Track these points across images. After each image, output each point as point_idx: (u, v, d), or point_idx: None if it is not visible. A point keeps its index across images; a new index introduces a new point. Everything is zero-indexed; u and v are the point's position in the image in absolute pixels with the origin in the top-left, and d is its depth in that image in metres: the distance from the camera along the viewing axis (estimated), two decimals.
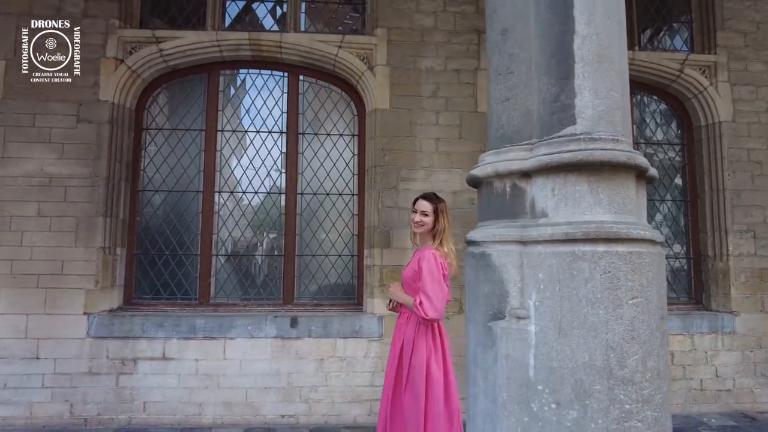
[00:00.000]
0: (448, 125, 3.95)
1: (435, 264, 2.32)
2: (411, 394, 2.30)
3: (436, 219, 2.46)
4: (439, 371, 2.34)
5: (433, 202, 2.49)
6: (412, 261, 2.48)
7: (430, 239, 2.48)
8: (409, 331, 2.41)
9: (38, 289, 3.67)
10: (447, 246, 2.45)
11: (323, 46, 3.98)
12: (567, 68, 1.58)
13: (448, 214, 2.52)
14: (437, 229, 2.46)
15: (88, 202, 3.74)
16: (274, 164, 4.14)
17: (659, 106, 4.47)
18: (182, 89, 4.17)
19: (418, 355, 2.32)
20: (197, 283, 3.99)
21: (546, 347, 1.47)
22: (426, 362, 2.31)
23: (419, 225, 2.47)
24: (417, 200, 2.53)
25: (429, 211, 2.46)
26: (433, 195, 2.54)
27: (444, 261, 2.38)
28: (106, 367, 3.66)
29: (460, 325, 3.78)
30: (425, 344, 2.34)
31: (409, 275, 2.42)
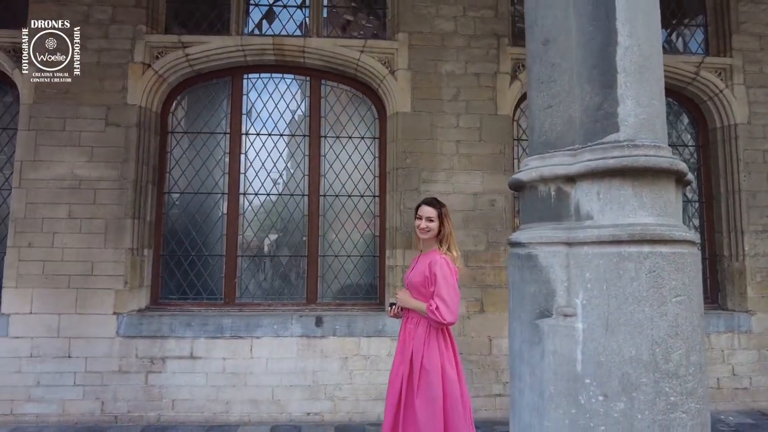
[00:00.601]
0: (468, 128, 4.03)
1: (448, 269, 2.35)
2: (425, 398, 2.30)
3: (441, 224, 2.49)
4: (453, 371, 2.37)
5: (437, 207, 2.52)
6: (419, 266, 2.48)
7: (436, 244, 2.50)
8: (419, 335, 2.40)
9: (69, 290, 3.75)
10: (454, 250, 2.48)
11: (346, 51, 4.06)
12: (610, 78, 1.65)
13: (450, 218, 2.56)
14: (443, 233, 2.49)
15: (117, 204, 3.82)
16: (298, 167, 4.21)
17: (674, 108, 4.54)
18: (206, 93, 4.25)
19: (432, 358, 2.34)
20: (223, 283, 4.07)
21: (593, 343, 1.54)
22: (441, 364, 2.34)
23: (425, 231, 2.48)
24: (420, 206, 2.55)
25: (434, 217, 2.48)
26: (435, 200, 2.57)
27: (455, 267, 2.41)
28: (136, 365, 3.74)
29: (481, 324, 3.88)
30: (438, 347, 2.37)
31: (419, 280, 2.42)
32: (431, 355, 2.34)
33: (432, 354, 2.34)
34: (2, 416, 3.64)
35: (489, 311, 3.91)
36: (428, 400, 2.29)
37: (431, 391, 2.30)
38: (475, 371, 3.88)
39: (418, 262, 2.53)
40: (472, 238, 3.93)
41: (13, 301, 3.71)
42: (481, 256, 3.93)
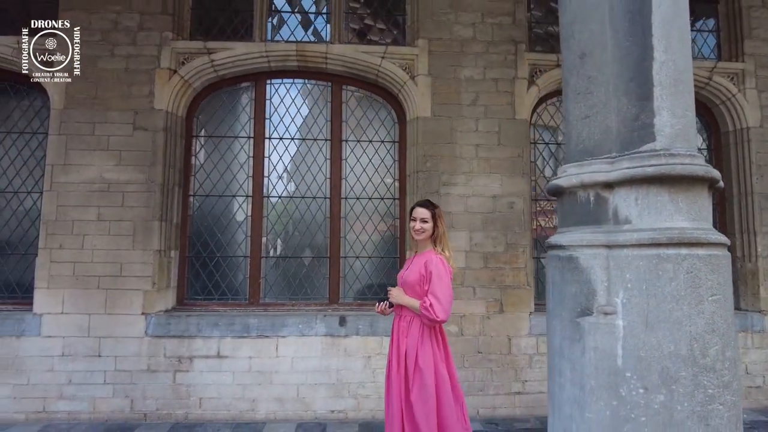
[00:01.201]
0: (487, 132, 4.13)
1: (443, 269, 2.41)
2: (420, 397, 2.35)
3: (435, 224, 2.54)
4: (444, 369, 2.42)
5: (430, 208, 2.57)
6: (415, 265, 2.54)
7: (431, 244, 2.56)
8: (413, 333, 2.45)
9: (99, 290, 3.85)
10: (448, 250, 2.54)
11: (367, 57, 4.16)
12: (646, 91, 1.75)
13: (444, 218, 2.63)
14: (437, 234, 2.54)
15: (145, 207, 3.92)
16: (320, 170, 4.31)
17: None
18: (230, 98, 4.35)
19: (426, 356, 2.38)
20: (248, 284, 4.17)
21: (633, 339, 1.64)
22: (434, 363, 2.39)
23: (420, 232, 2.54)
24: (414, 208, 2.62)
25: (428, 218, 2.54)
26: (428, 202, 2.64)
27: (450, 267, 2.47)
28: (164, 364, 3.83)
29: (500, 324, 3.98)
30: (431, 346, 2.42)
31: (414, 279, 2.46)
32: (425, 353, 2.39)
33: (426, 353, 2.39)
34: (35, 413, 3.73)
35: (508, 311, 4.01)
36: (423, 398, 2.34)
37: (425, 390, 2.34)
38: (495, 370, 3.97)
39: (413, 262, 2.59)
40: (491, 239, 4.03)
41: (45, 302, 3.80)
42: (501, 258, 4.03)
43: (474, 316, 3.98)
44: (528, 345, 4.01)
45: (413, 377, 2.37)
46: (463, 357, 3.95)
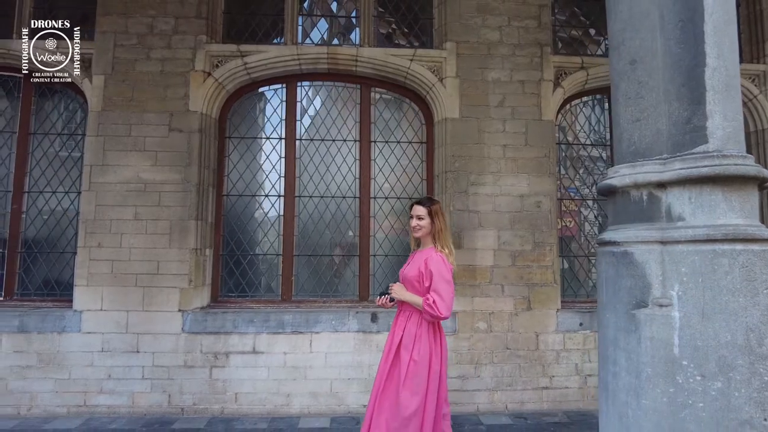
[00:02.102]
0: (514, 132, 4.22)
1: (444, 266, 2.41)
2: (411, 390, 2.36)
3: (432, 221, 2.53)
4: (438, 366, 2.43)
5: (426, 205, 2.57)
6: (415, 261, 2.55)
7: (431, 241, 2.56)
8: (410, 327, 2.46)
9: (136, 288, 3.95)
10: (447, 247, 2.53)
11: (397, 60, 4.26)
12: (698, 95, 1.85)
13: (444, 215, 2.60)
14: (434, 230, 2.54)
15: (181, 206, 4.02)
16: (349, 170, 4.41)
17: None
18: (262, 100, 4.45)
19: (422, 351, 2.39)
20: (280, 281, 4.27)
21: (690, 329, 1.74)
22: (429, 357, 2.40)
23: (416, 229, 2.55)
24: (412, 206, 2.64)
25: (423, 215, 2.54)
26: (426, 199, 2.64)
27: (450, 264, 2.47)
28: (200, 360, 3.93)
29: (528, 321, 4.07)
30: (428, 341, 2.42)
31: (414, 275, 2.47)
32: (422, 349, 2.40)
33: (422, 347, 2.40)
34: (76, 407, 3.83)
35: (536, 308, 4.10)
36: (413, 392, 2.35)
37: (417, 385, 2.36)
38: (523, 365, 4.07)
39: (414, 258, 2.59)
40: (519, 238, 4.13)
41: (84, 299, 3.90)
42: (528, 256, 4.13)
43: (502, 313, 4.08)
44: (555, 341, 4.11)
45: (407, 370, 2.38)
46: (492, 353, 4.05)
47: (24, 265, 4.15)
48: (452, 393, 3.99)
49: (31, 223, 4.19)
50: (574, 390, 4.08)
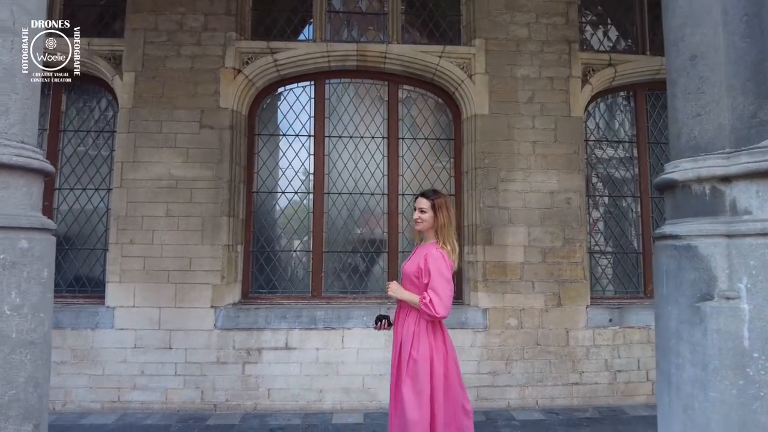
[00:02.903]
0: (543, 129, 4.23)
1: (444, 263, 2.31)
2: (411, 389, 2.29)
3: (435, 215, 2.41)
4: (441, 365, 2.33)
5: (430, 198, 2.45)
6: (415, 257, 2.47)
7: (434, 236, 2.45)
8: (408, 325, 2.39)
9: (169, 284, 3.96)
10: (450, 243, 2.40)
11: (426, 56, 4.27)
12: (765, 90, 1.86)
13: (450, 209, 2.46)
14: (437, 224, 2.42)
15: (213, 203, 4.03)
16: (378, 167, 4.42)
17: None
18: (290, 97, 4.46)
19: (421, 349, 2.31)
20: (310, 277, 4.28)
21: (761, 321, 1.75)
22: (429, 357, 2.31)
23: (418, 222, 2.45)
24: (416, 198, 2.52)
25: (426, 208, 2.43)
26: (431, 191, 2.52)
27: (451, 262, 2.36)
28: (233, 356, 3.94)
29: (558, 317, 4.08)
30: (428, 340, 2.34)
31: (412, 270, 2.40)
32: (420, 346, 2.32)
33: (421, 345, 2.32)
34: (110, 403, 3.84)
35: (566, 305, 4.11)
36: (415, 391, 2.27)
37: (418, 383, 2.28)
38: (553, 361, 4.08)
39: (415, 253, 2.52)
40: (549, 234, 4.14)
41: (117, 295, 3.91)
42: (558, 252, 4.14)
43: (533, 310, 4.09)
44: (585, 337, 4.12)
45: (407, 369, 2.32)
46: (522, 349, 4.06)
47: (55, 262, 4.15)
48: (483, 389, 4.02)
49: (62, 219, 4.19)
50: (604, 386, 4.10)
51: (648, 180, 4.51)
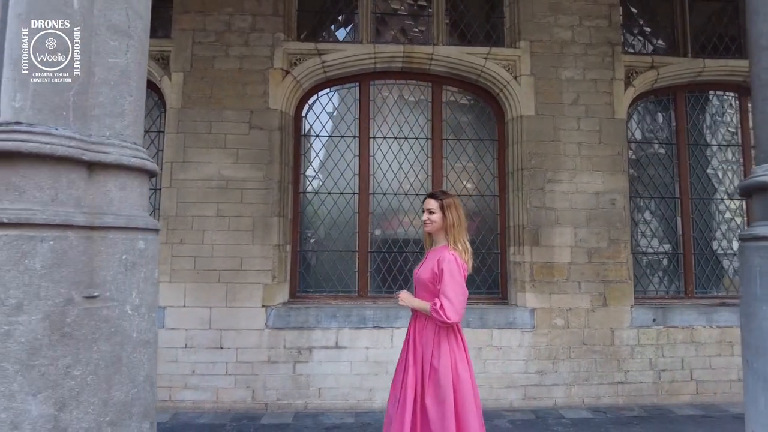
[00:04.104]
0: (588, 130, 4.27)
1: (456, 266, 2.23)
2: (434, 398, 2.23)
3: (444, 215, 2.35)
4: (466, 371, 2.28)
5: (438, 198, 2.39)
6: (428, 262, 2.38)
7: (444, 237, 2.38)
8: (428, 334, 2.32)
9: (219, 284, 3.98)
10: (461, 243, 2.33)
11: (472, 58, 4.30)
12: None
13: (459, 209, 2.38)
14: (446, 225, 2.35)
15: (264, 203, 4.05)
16: (422, 168, 4.45)
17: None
18: (336, 98, 4.48)
19: (443, 358, 2.24)
20: (356, 277, 4.31)
21: None
22: (452, 364, 2.25)
23: (428, 223, 2.39)
24: (424, 199, 2.47)
25: (435, 208, 2.37)
26: (439, 192, 2.47)
27: (464, 264, 2.29)
28: (284, 355, 3.97)
29: (603, 317, 4.13)
30: (449, 347, 2.27)
31: (427, 277, 2.32)
32: (441, 355, 2.25)
33: (443, 354, 2.25)
34: (162, 402, 3.85)
35: (611, 305, 4.15)
36: (438, 400, 2.22)
37: (441, 392, 2.22)
38: (599, 361, 4.12)
39: (427, 258, 2.43)
40: (594, 235, 4.18)
41: (167, 295, 3.92)
42: (604, 253, 4.18)
43: (579, 310, 4.13)
44: (629, 336, 4.16)
45: (429, 378, 2.26)
46: (569, 348, 4.10)
47: None
48: (531, 388, 4.06)
49: None
50: (648, 385, 4.15)
51: (688, 181, 4.56)
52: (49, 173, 1.59)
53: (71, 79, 1.67)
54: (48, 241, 1.54)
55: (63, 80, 1.65)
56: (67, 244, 1.58)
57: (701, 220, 4.62)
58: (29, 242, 1.51)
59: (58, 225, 1.56)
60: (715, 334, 4.19)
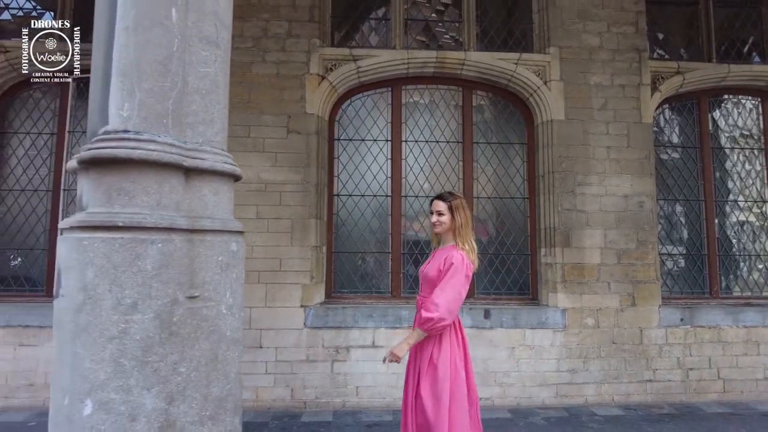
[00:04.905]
0: (617, 135, 4.37)
1: (463, 266, 2.30)
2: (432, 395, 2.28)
3: (453, 217, 2.40)
4: (462, 370, 2.34)
5: (447, 200, 2.43)
6: (435, 260, 2.44)
7: (452, 238, 2.42)
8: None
9: (259, 285, 4.06)
10: (468, 243, 2.38)
11: (503, 63, 4.40)
12: None
13: (467, 210, 2.43)
14: (455, 226, 2.39)
15: (301, 206, 4.13)
16: (453, 171, 4.54)
17: None
18: (368, 103, 4.58)
19: (442, 353, 2.31)
20: (390, 278, 4.39)
21: None
22: (451, 362, 2.31)
23: (437, 225, 2.43)
24: (432, 201, 2.51)
25: (444, 210, 2.41)
26: (447, 193, 2.50)
27: (470, 262, 2.36)
28: (322, 354, 4.05)
29: (632, 316, 4.23)
30: (449, 345, 2.34)
31: (434, 274, 2.37)
32: (441, 351, 2.32)
33: (443, 352, 2.31)
34: None
35: (640, 305, 4.25)
36: (435, 396, 2.28)
37: (438, 388, 2.28)
38: (628, 359, 4.22)
39: (434, 257, 2.49)
40: (623, 237, 4.28)
41: None
42: (632, 254, 4.28)
43: (609, 309, 4.22)
44: (658, 336, 4.26)
45: (427, 375, 2.32)
46: (599, 348, 4.20)
47: None
48: (562, 386, 4.16)
49: None
50: (677, 383, 4.24)
51: (712, 184, 4.67)
52: (155, 178, 1.68)
53: (171, 88, 1.75)
54: (157, 244, 1.62)
55: (164, 90, 1.73)
56: (173, 247, 1.66)
57: (725, 221, 4.72)
58: (141, 244, 1.60)
59: (164, 228, 1.65)
60: (742, 334, 4.30)
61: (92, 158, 1.63)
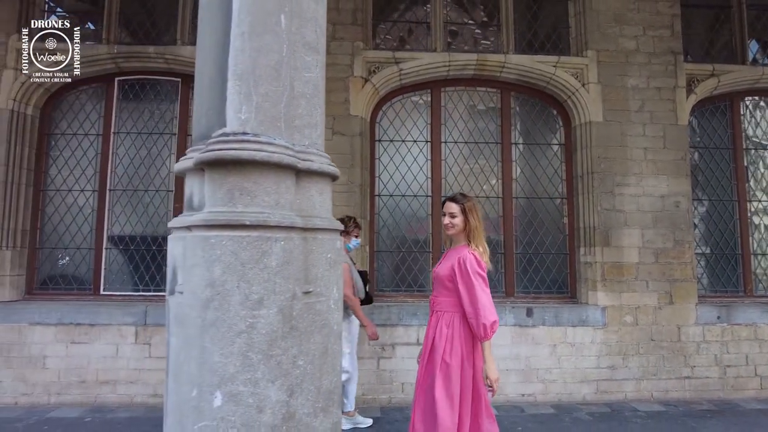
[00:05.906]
0: (653, 136, 4.46)
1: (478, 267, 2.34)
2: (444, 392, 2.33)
3: (466, 218, 2.42)
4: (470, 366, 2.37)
5: (459, 202, 2.44)
6: (447, 260, 2.47)
7: (465, 239, 2.46)
8: (442, 329, 2.42)
9: None
10: (481, 244, 2.42)
11: (542, 66, 4.48)
12: None
13: (478, 212, 2.47)
14: (469, 228, 2.43)
15: (346, 206, 4.20)
16: (492, 171, 4.62)
17: None
18: (408, 105, 4.65)
19: (454, 353, 2.35)
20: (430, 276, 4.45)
21: None
22: (461, 360, 2.35)
23: (450, 227, 2.46)
24: (444, 203, 2.52)
25: (456, 212, 2.43)
26: (459, 195, 2.51)
27: (483, 263, 2.38)
28: (368, 351, 4.12)
29: (670, 314, 4.33)
30: (461, 344, 2.37)
31: (446, 274, 2.42)
32: (453, 350, 2.36)
33: (454, 350, 2.36)
34: None
35: (677, 303, 4.34)
36: (447, 394, 2.32)
37: (450, 386, 2.33)
38: (666, 356, 4.30)
39: (447, 257, 2.52)
40: (660, 236, 4.37)
41: None
42: (669, 253, 4.36)
43: (647, 307, 4.31)
44: (695, 333, 4.34)
45: (439, 372, 2.36)
46: (638, 345, 4.28)
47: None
48: (602, 382, 4.24)
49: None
50: (714, 380, 4.33)
51: (745, 184, 4.76)
52: (273, 179, 1.75)
53: (283, 92, 1.82)
54: (280, 242, 1.69)
55: (277, 93, 1.80)
56: (293, 244, 1.74)
57: (759, 221, 4.82)
58: (267, 242, 1.67)
59: (285, 227, 1.72)
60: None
61: (216, 159, 1.70)
